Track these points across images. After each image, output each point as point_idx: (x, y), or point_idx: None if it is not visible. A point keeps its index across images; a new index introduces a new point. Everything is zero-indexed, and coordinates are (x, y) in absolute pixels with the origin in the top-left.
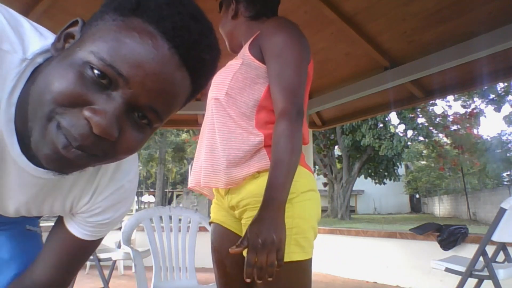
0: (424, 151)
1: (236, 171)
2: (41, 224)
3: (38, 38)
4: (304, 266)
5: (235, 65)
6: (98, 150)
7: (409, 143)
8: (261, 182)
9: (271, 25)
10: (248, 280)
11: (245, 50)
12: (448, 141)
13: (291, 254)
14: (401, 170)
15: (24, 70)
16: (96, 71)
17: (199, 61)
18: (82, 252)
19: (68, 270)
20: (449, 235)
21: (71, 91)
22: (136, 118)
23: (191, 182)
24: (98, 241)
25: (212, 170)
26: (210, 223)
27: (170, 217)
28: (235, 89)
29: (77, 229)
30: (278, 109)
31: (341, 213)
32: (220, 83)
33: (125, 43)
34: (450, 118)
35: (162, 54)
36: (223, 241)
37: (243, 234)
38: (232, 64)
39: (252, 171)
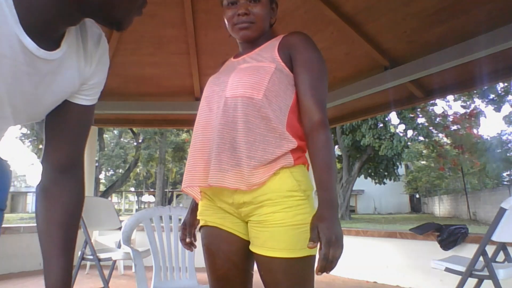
0: (424, 151)
1: (262, 172)
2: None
3: None
4: (314, 261)
5: (268, 68)
6: None
7: (409, 143)
8: (282, 178)
9: (301, 39)
10: (319, 273)
11: (273, 54)
12: (448, 141)
13: (310, 249)
14: (401, 170)
15: None
16: None
17: None
18: (89, 117)
19: (80, 141)
20: (449, 235)
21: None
22: None
23: (186, 182)
24: (95, 106)
25: (230, 170)
26: (201, 227)
27: (170, 217)
28: (272, 92)
29: (84, 99)
30: (314, 119)
31: (341, 213)
32: (256, 83)
33: None
34: (450, 118)
35: None
36: (221, 243)
37: (248, 234)
38: (264, 66)
39: (275, 169)
